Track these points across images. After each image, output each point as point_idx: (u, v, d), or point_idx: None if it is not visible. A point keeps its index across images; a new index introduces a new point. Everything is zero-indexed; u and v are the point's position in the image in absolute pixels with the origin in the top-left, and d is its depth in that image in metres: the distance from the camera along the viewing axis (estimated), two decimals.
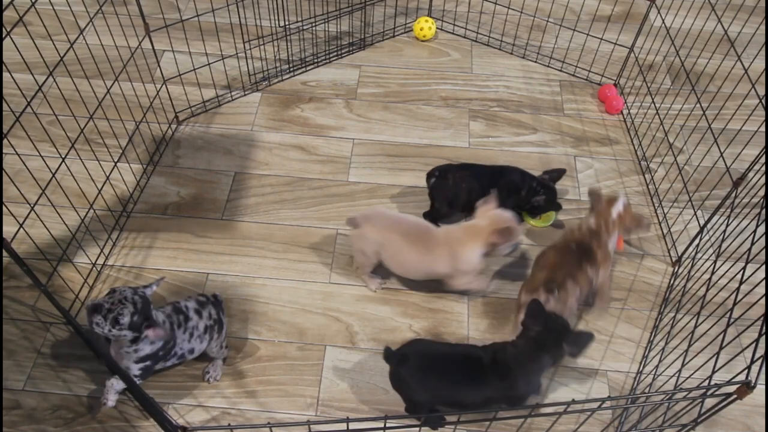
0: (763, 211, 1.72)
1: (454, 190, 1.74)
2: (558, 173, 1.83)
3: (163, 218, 1.83)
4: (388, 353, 1.36)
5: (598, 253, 1.57)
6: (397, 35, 2.46)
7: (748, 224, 1.72)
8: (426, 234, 1.59)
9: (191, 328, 1.40)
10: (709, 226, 1.80)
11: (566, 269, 1.52)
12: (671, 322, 1.62)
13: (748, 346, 1.06)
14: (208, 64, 2.10)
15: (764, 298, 1.21)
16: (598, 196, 1.66)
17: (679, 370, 1.33)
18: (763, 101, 1.58)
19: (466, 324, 1.65)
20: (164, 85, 2.03)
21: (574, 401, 0.93)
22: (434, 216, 1.80)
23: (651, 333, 1.65)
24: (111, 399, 1.34)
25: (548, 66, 2.37)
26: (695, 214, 1.78)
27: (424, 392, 1.34)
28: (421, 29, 2.41)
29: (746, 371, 0.98)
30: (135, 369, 1.34)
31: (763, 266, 1.67)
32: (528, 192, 1.78)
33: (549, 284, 1.49)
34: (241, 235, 1.81)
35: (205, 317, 1.43)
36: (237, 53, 2.18)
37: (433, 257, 1.56)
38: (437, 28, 2.46)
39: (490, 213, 1.58)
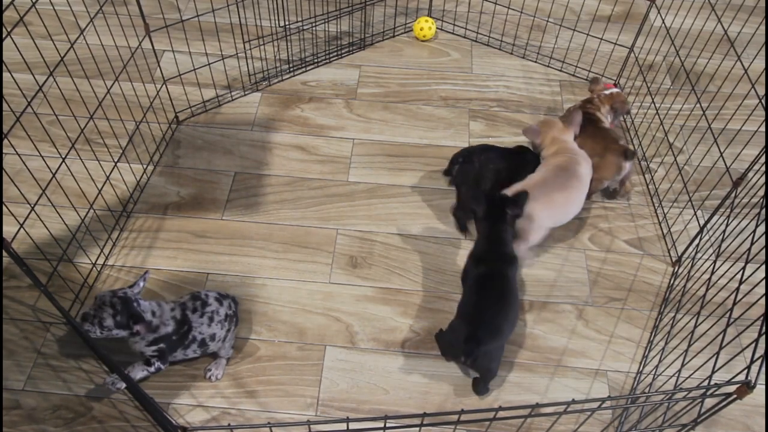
0: (763, 211, 1.72)
1: (481, 172, 1.78)
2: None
3: (163, 218, 1.84)
4: (467, 349, 1.41)
5: (601, 119, 1.94)
6: (397, 35, 2.46)
7: (748, 224, 1.72)
8: (563, 171, 1.73)
9: (210, 313, 1.44)
10: (709, 226, 1.80)
11: (614, 137, 1.87)
12: (671, 322, 1.62)
13: (747, 346, 1.06)
14: (208, 64, 2.10)
15: (764, 298, 1.21)
16: (596, 80, 2.02)
17: (679, 370, 1.34)
18: (763, 101, 1.58)
19: None
20: (164, 85, 2.03)
21: (574, 401, 0.93)
22: (463, 205, 1.82)
23: (651, 333, 1.65)
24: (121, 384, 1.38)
25: (548, 66, 2.37)
26: (695, 214, 1.78)
27: (505, 335, 1.49)
28: (421, 29, 2.41)
29: (746, 371, 0.98)
30: (149, 351, 1.39)
31: (763, 266, 1.68)
32: None
33: (626, 153, 1.80)
34: (241, 235, 1.81)
35: (226, 306, 1.49)
36: (237, 53, 2.18)
37: (584, 177, 1.74)
38: (437, 28, 2.46)
39: (549, 125, 1.84)
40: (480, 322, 1.44)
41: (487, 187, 1.79)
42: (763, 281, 1.23)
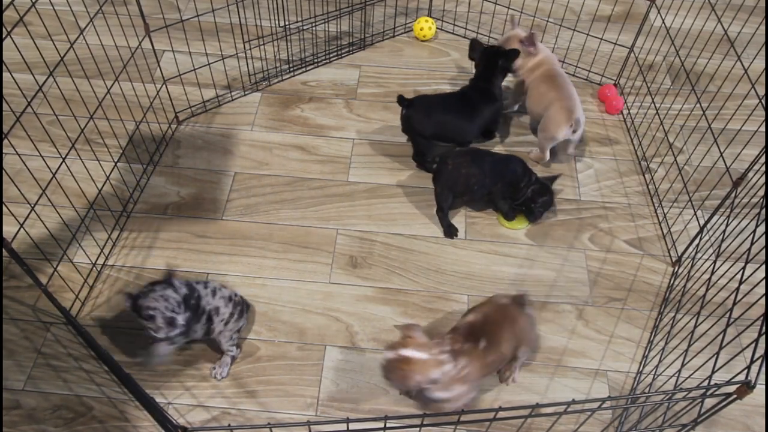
0: (763, 211, 1.72)
1: (454, 177, 1.78)
2: (553, 178, 1.88)
3: (163, 218, 1.84)
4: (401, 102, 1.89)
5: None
6: (397, 35, 2.46)
7: (748, 224, 1.72)
8: (559, 75, 1.97)
9: (213, 288, 1.46)
10: (709, 226, 1.80)
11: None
12: (671, 322, 1.62)
13: (747, 346, 1.06)
14: (208, 64, 2.10)
15: (764, 298, 1.21)
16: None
17: (679, 370, 1.34)
18: (763, 101, 1.58)
19: None
20: (164, 85, 2.03)
21: (574, 401, 0.93)
22: (441, 205, 1.83)
23: (651, 333, 1.65)
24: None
25: None
26: (695, 214, 1.78)
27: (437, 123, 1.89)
28: (421, 29, 2.41)
29: (746, 371, 0.98)
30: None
31: (763, 266, 1.68)
32: (526, 184, 1.81)
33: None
34: (241, 235, 1.81)
35: (229, 291, 1.51)
36: (237, 53, 2.18)
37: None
38: (437, 28, 2.46)
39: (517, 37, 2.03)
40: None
41: (459, 190, 1.80)
42: (763, 281, 1.23)
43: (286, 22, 2.28)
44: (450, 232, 1.83)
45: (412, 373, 1.28)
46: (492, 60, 1.94)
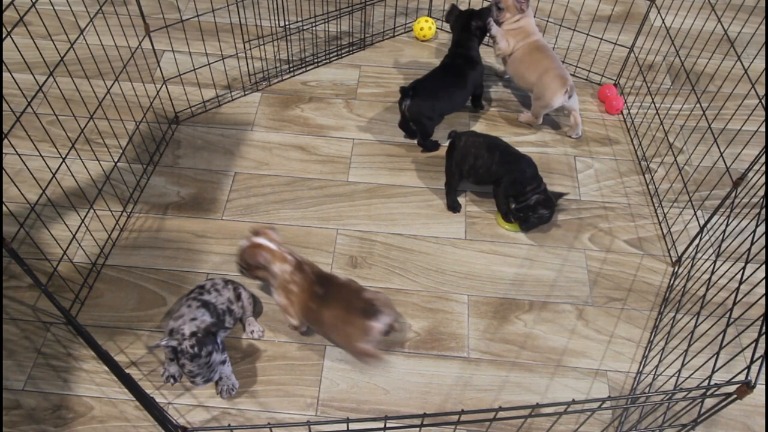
0: (763, 211, 1.73)
1: (463, 153, 1.81)
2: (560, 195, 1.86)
3: (163, 218, 1.84)
4: (402, 93, 1.92)
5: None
6: (397, 35, 2.47)
7: (748, 224, 1.72)
8: (545, 46, 2.05)
9: (210, 287, 1.49)
10: (709, 226, 1.80)
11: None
12: (671, 322, 1.62)
13: (747, 346, 1.07)
14: (208, 64, 2.10)
15: (764, 298, 1.22)
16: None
17: (679, 370, 1.33)
18: (763, 101, 1.58)
19: (466, 324, 1.65)
20: (164, 85, 2.03)
21: (574, 401, 0.93)
22: (449, 180, 1.88)
23: (651, 333, 1.65)
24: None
25: None
26: (695, 214, 1.78)
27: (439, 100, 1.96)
28: (421, 29, 2.41)
29: (746, 371, 0.98)
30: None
31: (763, 266, 1.68)
32: (532, 190, 1.79)
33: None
34: (241, 235, 1.81)
35: (219, 279, 1.54)
36: (237, 53, 2.18)
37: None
38: (437, 28, 2.46)
39: None
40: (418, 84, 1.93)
41: (466, 170, 1.84)
42: (763, 281, 1.23)
43: (286, 22, 2.28)
44: (453, 206, 1.88)
45: (260, 253, 1.47)
46: (466, 22, 2.03)
